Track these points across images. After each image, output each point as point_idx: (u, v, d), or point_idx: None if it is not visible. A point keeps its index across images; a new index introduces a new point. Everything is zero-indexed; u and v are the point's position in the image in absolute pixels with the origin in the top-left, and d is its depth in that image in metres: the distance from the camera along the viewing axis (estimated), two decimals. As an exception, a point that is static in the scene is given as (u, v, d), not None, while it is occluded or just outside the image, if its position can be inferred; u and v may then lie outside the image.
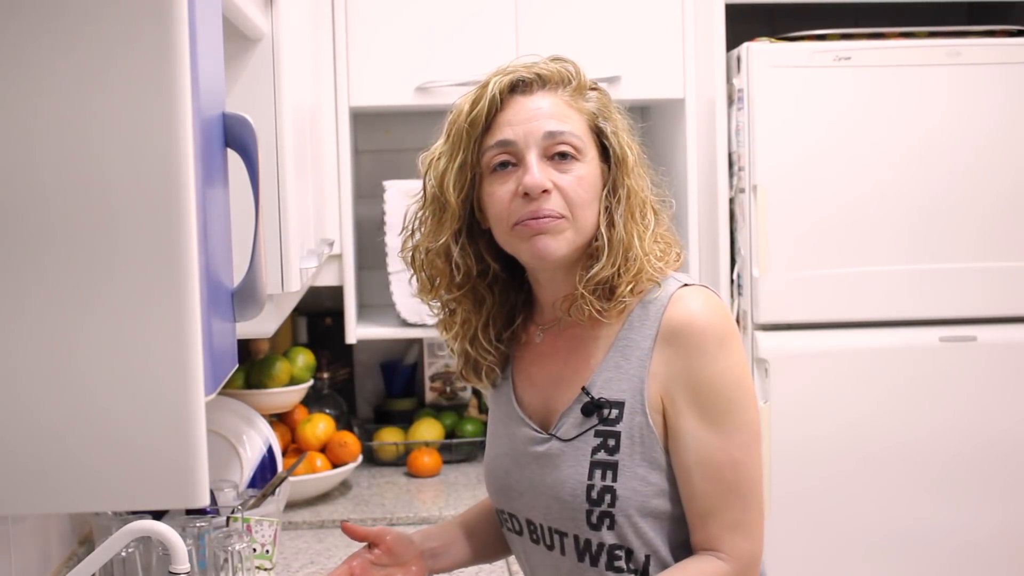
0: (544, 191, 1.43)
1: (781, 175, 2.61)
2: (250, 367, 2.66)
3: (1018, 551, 2.66)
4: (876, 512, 2.63)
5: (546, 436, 1.51)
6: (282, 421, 2.80)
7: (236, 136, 1.06)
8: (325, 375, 3.02)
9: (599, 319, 1.47)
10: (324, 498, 2.70)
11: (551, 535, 1.51)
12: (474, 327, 1.57)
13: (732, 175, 2.70)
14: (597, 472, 1.44)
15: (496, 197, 1.47)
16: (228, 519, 1.94)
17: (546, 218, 1.44)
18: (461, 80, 2.56)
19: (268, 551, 2.04)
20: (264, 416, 2.49)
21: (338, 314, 2.90)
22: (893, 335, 2.64)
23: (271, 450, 2.41)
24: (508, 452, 1.56)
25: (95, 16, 0.87)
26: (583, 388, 1.48)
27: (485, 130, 1.47)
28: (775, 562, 1.57)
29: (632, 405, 1.44)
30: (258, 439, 2.39)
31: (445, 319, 1.60)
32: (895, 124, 2.62)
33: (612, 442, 1.44)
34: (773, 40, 2.66)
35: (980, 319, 2.65)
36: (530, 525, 1.54)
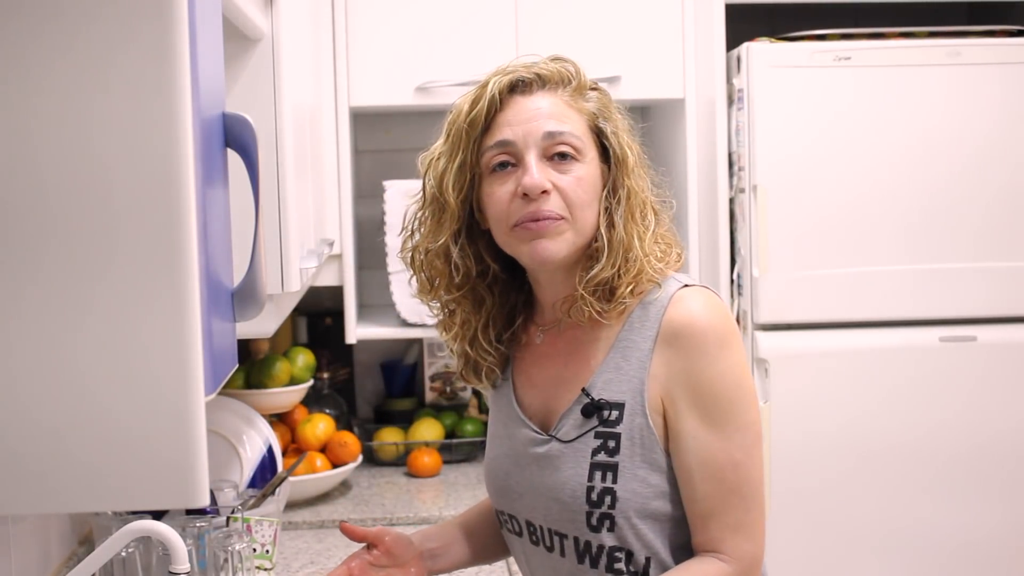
0: (543, 192, 1.43)
1: (781, 175, 2.61)
2: (250, 367, 2.66)
3: (1018, 551, 2.66)
4: (876, 512, 2.63)
5: (546, 437, 1.50)
6: (282, 421, 2.80)
7: (236, 136, 1.06)
8: (325, 375, 3.02)
9: (599, 320, 1.47)
10: (324, 498, 2.70)
11: (551, 536, 1.50)
12: (474, 328, 1.56)
13: (732, 175, 2.70)
14: (597, 473, 1.44)
15: (495, 198, 1.46)
16: (228, 519, 1.94)
17: (546, 220, 1.43)
18: (461, 80, 2.56)
19: (268, 551, 2.04)
20: (264, 416, 2.49)
21: (338, 314, 2.90)
22: (893, 335, 2.64)
23: (271, 450, 2.41)
24: (508, 453, 1.56)
25: (94, 16, 0.87)
26: (583, 389, 1.47)
27: (484, 130, 1.46)
28: (775, 562, 1.57)
29: (632, 406, 1.44)
30: (258, 439, 2.39)
31: (445, 320, 1.59)
32: (895, 124, 2.62)
33: (612, 443, 1.44)
34: (773, 40, 2.66)
35: (980, 319, 2.65)
36: (530, 526, 1.54)
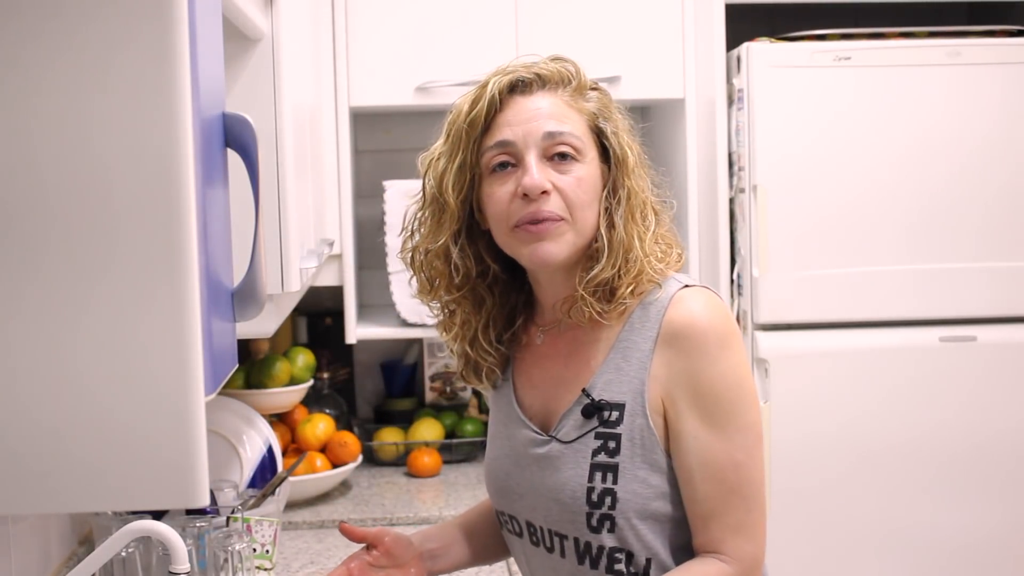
0: (543, 192, 1.42)
1: (781, 175, 2.61)
2: (250, 367, 2.66)
3: (1018, 551, 2.66)
4: (876, 512, 2.63)
5: (546, 438, 1.50)
6: (282, 421, 2.80)
7: (236, 136, 1.06)
8: (325, 375, 3.02)
9: (599, 321, 1.46)
10: (324, 498, 2.70)
11: (551, 537, 1.50)
12: (474, 328, 1.56)
13: (732, 175, 2.70)
14: (597, 474, 1.43)
15: (495, 198, 1.46)
16: (228, 519, 1.94)
17: (546, 221, 1.43)
18: (461, 80, 2.56)
19: (268, 551, 2.04)
20: (264, 416, 2.49)
21: (338, 314, 2.90)
22: (893, 335, 2.64)
23: (271, 450, 2.41)
24: (508, 454, 1.56)
25: (94, 16, 0.87)
26: (583, 390, 1.47)
27: (484, 130, 1.46)
28: (775, 562, 1.57)
29: (633, 407, 1.43)
30: (258, 439, 2.39)
31: (445, 320, 1.59)
32: (895, 124, 2.62)
33: (613, 444, 1.43)
34: (773, 40, 2.66)
35: (980, 319, 2.65)
36: (530, 527, 1.53)
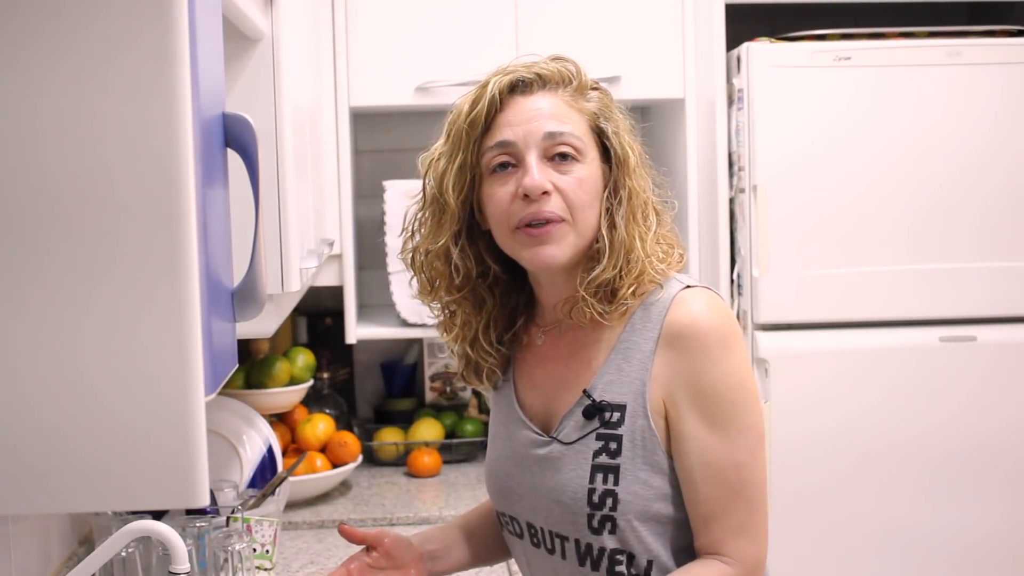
0: (544, 192, 1.42)
1: (781, 175, 2.61)
2: (250, 367, 2.66)
3: (1018, 551, 2.66)
4: (876, 512, 2.63)
5: (547, 439, 1.49)
6: (282, 421, 2.80)
7: (236, 136, 1.06)
8: (325, 375, 3.02)
9: (600, 321, 1.46)
10: (324, 498, 2.70)
11: (552, 539, 1.50)
12: (474, 329, 1.56)
13: (732, 175, 2.70)
14: (599, 475, 1.43)
15: (496, 199, 1.45)
16: (228, 519, 1.94)
17: (548, 224, 1.42)
18: (461, 80, 2.56)
19: (268, 551, 2.04)
20: (264, 416, 2.49)
21: (338, 314, 2.90)
22: (893, 335, 2.64)
23: (271, 450, 2.41)
24: (509, 455, 1.55)
25: (94, 16, 0.87)
26: (584, 391, 1.46)
27: (485, 131, 1.45)
28: (775, 562, 1.57)
29: (634, 408, 1.43)
30: (258, 439, 2.38)
31: (445, 321, 1.59)
32: (895, 124, 2.62)
33: (614, 445, 1.43)
34: (773, 40, 2.66)
35: (980, 319, 2.65)
36: (531, 528, 1.53)
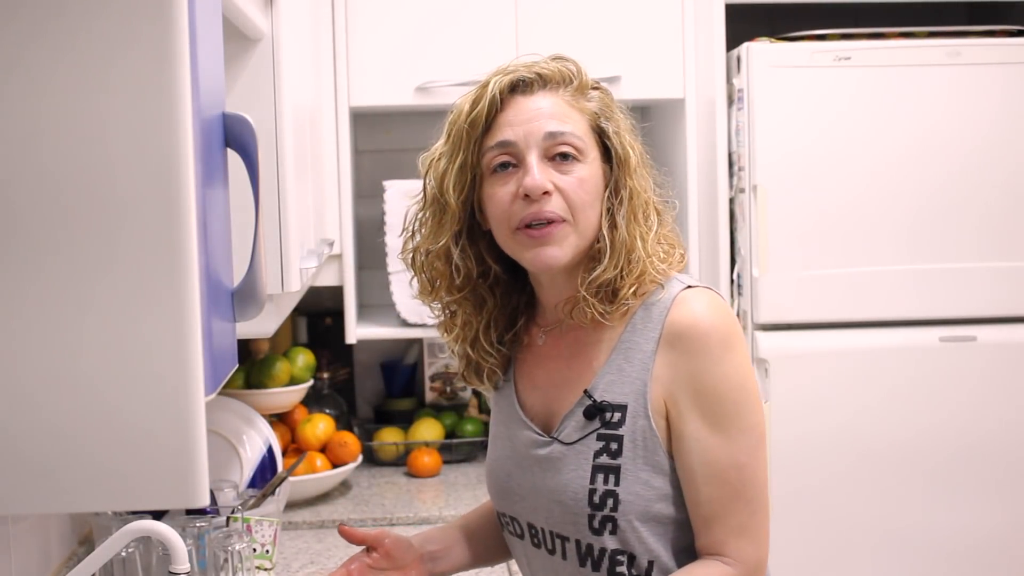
0: (545, 193, 1.42)
1: (781, 175, 2.61)
2: (250, 367, 2.66)
3: (1018, 551, 2.66)
4: (875, 512, 2.63)
5: (548, 439, 1.49)
6: (282, 421, 2.80)
7: (236, 136, 1.06)
8: (325, 375, 3.02)
9: (601, 321, 1.45)
10: (324, 498, 2.70)
11: (552, 539, 1.49)
12: (475, 329, 1.55)
13: (732, 175, 2.70)
14: (599, 476, 1.43)
15: (497, 199, 1.45)
16: (228, 519, 1.94)
17: (549, 225, 1.42)
18: (461, 80, 2.56)
19: (268, 551, 2.04)
20: (264, 416, 2.49)
21: (338, 314, 2.90)
22: (893, 335, 2.64)
23: (271, 450, 2.41)
24: (510, 455, 1.55)
25: (95, 16, 0.87)
26: (585, 391, 1.46)
27: (485, 130, 1.45)
28: (774, 562, 1.57)
29: (635, 408, 1.43)
30: (258, 439, 2.38)
31: (446, 321, 1.58)
32: (895, 124, 2.62)
33: (615, 446, 1.43)
34: (773, 40, 2.66)
35: (980, 319, 2.65)
36: (531, 529, 1.53)
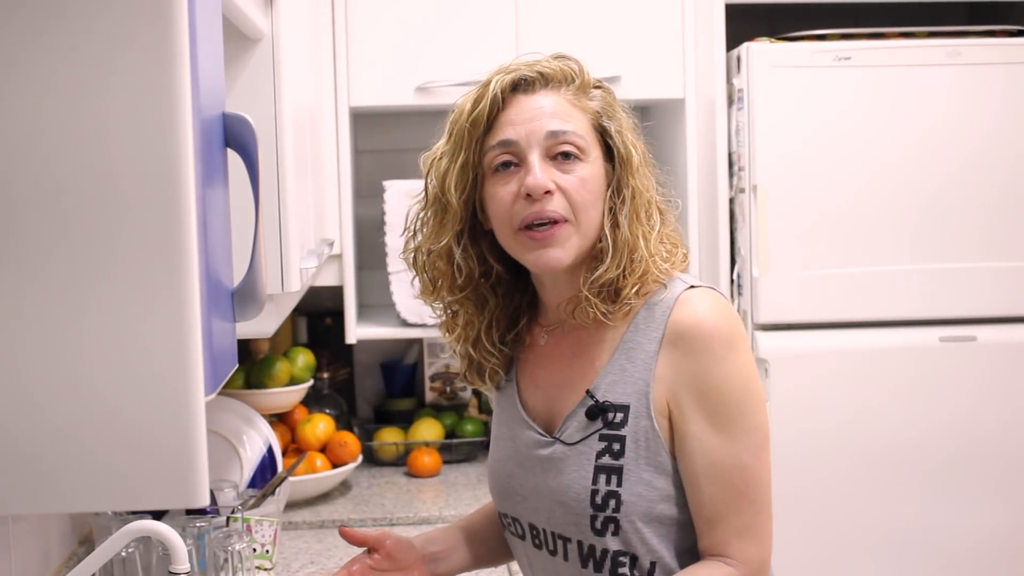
0: (547, 192, 1.41)
1: (781, 175, 2.61)
2: (250, 367, 2.66)
3: (1018, 551, 2.66)
4: (875, 512, 2.63)
5: (550, 439, 1.49)
6: (282, 421, 2.80)
7: (236, 136, 1.06)
8: (325, 375, 3.02)
9: (604, 321, 1.45)
10: (324, 498, 2.70)
11: (554, 540, 1.49)
12: (477, 329, 1.55)
13: (732, 175, 2.70)
14: (602, 477, 1.42)
15: (498, 198, 1.44)
16: (228, 519, 1.94)
17: (551, 226, 1.41)
18: (461, 80, 2.56)
19: (268, 551, 2.03)
20: (264, 416, 2.49)
21: (338, 314, 2.90)
22: (893, 335, 2.64)
23: (271, 450, 2.41)
24: (512, 455, 1.55)
25: (95, 16, 0.86)
26: (587, 391, 1.46)
27: (487, 130, 1.45)
28: (774, 562, 1.57)
29: (637, 409, 1.42)
30: (258, 439, 2.38)
31: (447, 321, 1.58)
32: (895, 124, 2.62)
33: (617, 446, 1.42)
34: (773, 40, 2.66)
35: (980, 319, 2.65)
36: (533, 529, 1.52)
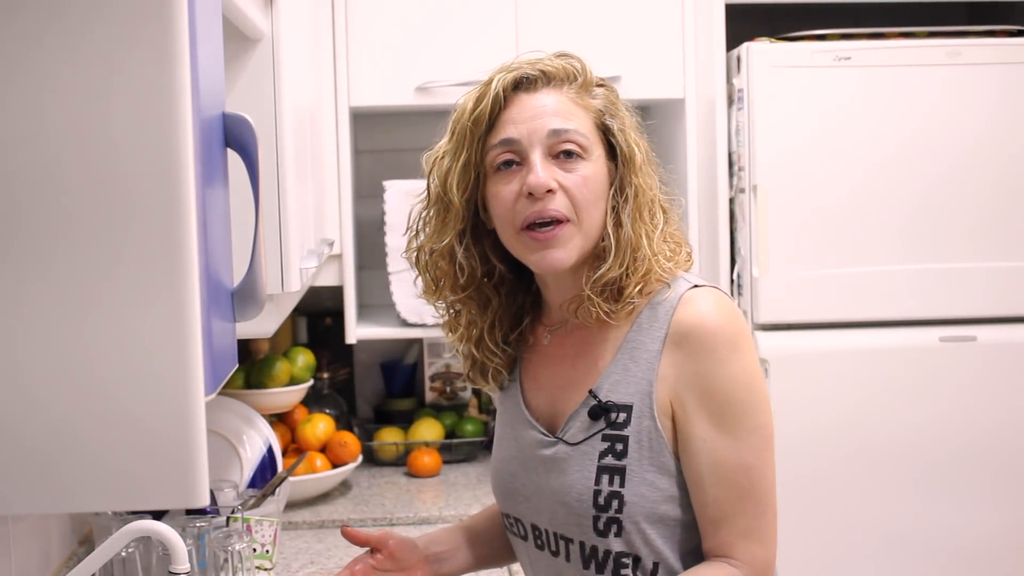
0: (549, 191, 1.41)
1: (781, 175, 2.61)
2: (250, 367, 2.66)
3: (1017, 550, 2.66)
4: (875, 511, 2.63)
5: (553, 439, 1.48)
6: (282, 421, 2.80)
7: (236, 136, 1.06)
8: (325, 375, 3.02)
9: (607, 321, 1.44)
10: (324, 498, 2.70)
11: (556, 541, 1.48)
12: (480, 329, 1.54)
13: (732, 175, 2.70)
14: (604, 477, 1.41)
15: (500, 197, 1.44)
16: (228, 519, 1.94)
17: (554, 227, 1.41)
18: (461, 80, 2.56)
19: (268, 551, 2.03)
20: (264, 416, 2.49)
21: (338, 314, 2.90)
22: (893, 335, 2.64)
23: (271, 450, 2.41)
24: (515, 456, 1.54)
25: (95, 17, 0.86)
26: (590, 391, 1.45)
27: (489, 128, 1.44)
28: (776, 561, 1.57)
29: (640, 409, 1.41)
30: (258, 439, 2.38)
31: (450, 321, 1.57)
32: (895, 124, 2.62)
33: (620, 446, 1.41)
34: (773, 40, 2.66)
35: (980, 319, 2.65)
36: (535, 530, 1.52)
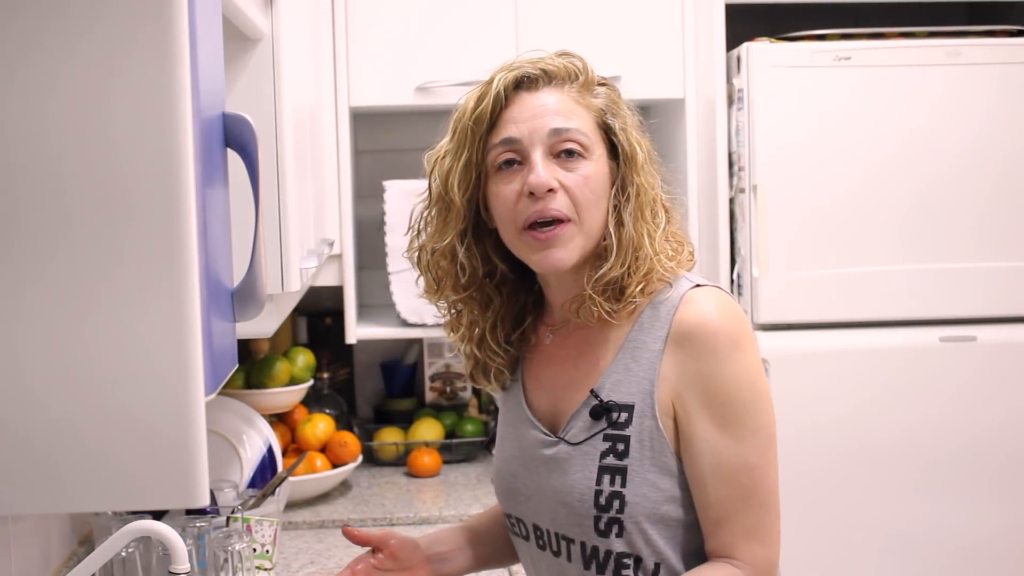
0: (550, 190, 1.40)
1: (781, 175, 2.61)
2: (250, 367, 2.66)
3: (1017, 550, 2.66)
4: (875, 511, 2.63)
5: (554, 439, 1.48)
6: (282, 421, 2.80)
7: (236, 136, 1.06)
8: (325, 375, 3.02)
9: (609, 320, 1.44)
10: (324, 498, 2.70)
11: (557, 541, 1.48)
12: (482, 329, 1.54)
13: (732, 175, 2.70)
14: (606, 477, 1.41)
15: (502, 197, 1.44)
16: (228, 519, 1.94)
17: (555, 227, 1.41)
18: (461, 80, 2.56)
19: (268, 551, 2.03)
20: (264, 416, 2.49)
21: (338, 314, 2.90)
22: (893, 335, 2.64)
23: (271, 450, 2.41)
24: (517, 455, 1.54)
25: (95, 17, 0.87)
26: (592, 391, 1.45)
27: (490, 128, 1.44)
28: (777, 561, 1.58)
29: (642, 408, 1.41)
30: (258, 439, 2.38)
31: (452, 320, 1.57)
32: (895, 124, 2.62)
33: (621, 446, 1.41)
34: (773, 40, 2.66)
35: (980, 319, 2.65)
36: (536, 530, 1.52)
